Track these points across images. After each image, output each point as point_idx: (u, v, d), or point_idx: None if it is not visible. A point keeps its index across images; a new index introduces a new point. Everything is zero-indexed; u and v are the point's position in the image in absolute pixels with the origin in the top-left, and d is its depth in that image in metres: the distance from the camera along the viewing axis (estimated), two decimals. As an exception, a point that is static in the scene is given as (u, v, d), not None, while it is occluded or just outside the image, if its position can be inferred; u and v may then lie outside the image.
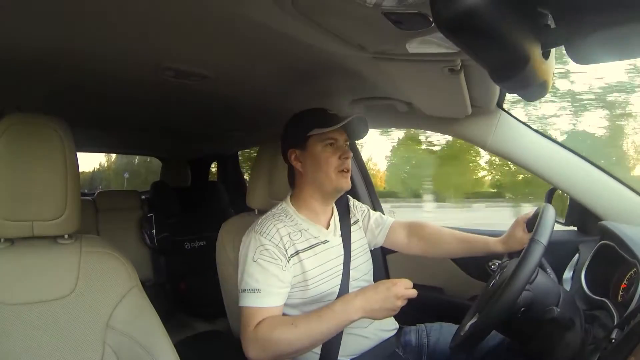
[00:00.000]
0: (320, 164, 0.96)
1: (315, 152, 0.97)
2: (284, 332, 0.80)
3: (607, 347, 0.62)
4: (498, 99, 1.04)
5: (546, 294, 0.75)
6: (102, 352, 0.73)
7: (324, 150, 0.96)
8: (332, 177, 0.96)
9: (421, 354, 1.02)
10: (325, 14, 0.59)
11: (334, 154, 0.96)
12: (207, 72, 0.95)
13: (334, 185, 0.96)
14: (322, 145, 0.96)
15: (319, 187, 0.98)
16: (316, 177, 0.97)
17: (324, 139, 0.96)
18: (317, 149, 0.96)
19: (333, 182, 0.96)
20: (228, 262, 1.10)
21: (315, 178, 0.97)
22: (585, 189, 1.03)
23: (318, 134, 0.96)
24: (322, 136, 0.96)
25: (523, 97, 0.51)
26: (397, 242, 1.13)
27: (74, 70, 0.93)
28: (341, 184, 0.97)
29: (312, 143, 0.97)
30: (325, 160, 0.96)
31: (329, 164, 0.95)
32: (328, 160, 0.96)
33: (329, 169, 0.95)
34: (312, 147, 0.97)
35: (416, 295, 0.79)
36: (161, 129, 1.86)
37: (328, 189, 0.98)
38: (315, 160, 0.97)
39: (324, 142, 0.96)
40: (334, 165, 0.96)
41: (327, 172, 0.96)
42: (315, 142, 0.97)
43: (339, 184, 0.97)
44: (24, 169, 0.71)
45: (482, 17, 0.29)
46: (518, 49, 0.35)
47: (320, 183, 0.97)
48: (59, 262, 0.75)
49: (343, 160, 0.96)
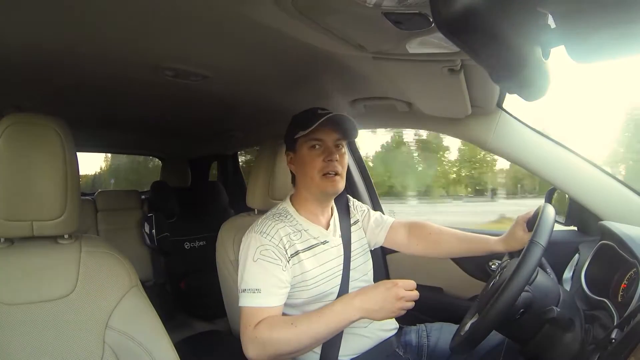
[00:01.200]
0: (305, 168, 0.94)
1: (302, 154, 0.95)
2: (284, 332, 0.80)
3: (607, 347, 0.62)
4: (498, 99, 1.04)
5: (546, 294, 0.75)
6: (102, 352, 0.73)
7: (309, 153, 0.94)
8: (316, 181, 0.93)
9: (421, 354, 1.02)
10: (325, 13, 0.59)
11: (319, 156, 0.93)
12: (207, 72, 0.95)
13: (319, 189, 0.94)
14: (307, 147, 0.94)
15: (308, 189, 0.97)
16: (304, 180, 0.96)
17: (308, 140, 0.94)
18: (304, 152, 0.95)
19: (319, 186, 0.94)
20: (228, 262, 1.10)
21: (304, 181, 0.96)
22: (585, 189, 1.03)
23: (303, 136, 0.94)
24: (306, 137, 0.94)
25: (523, 97, 0.51)
26: (397, 242, 1.13)
27: (74, 70, 0.93)
28: (326, 187, 0.93)
29: (300, 145, 0.96)
30: (309, 163, 0.94)
31: (313, 166, 0.93)
32: (312, 162, 0.93)
33: (312, 171, 0.93)
34: (300, 150, 0.96)
35: (418, 297, 0.79)
36: (161, 129, 1.86)
37: (314, 192, 0.96)
38: (302, 162, 0.95)
39: (309, 143, 0.94)
40: (318, 168, 0.93)
41: (311, 175, 0.93)
42: (302, 144, 0.95)
43: (324, 187, 0.94)
44: (24, 169, 0.71)
45: (482, 17, 0.29)
46: (518, 49, 0.35)
47: (307, 186, 0.96)
48: (58, 262, 0.75)
49: (328, 162, 0.93)
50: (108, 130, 1.86)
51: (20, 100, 1.17)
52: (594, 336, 0.72)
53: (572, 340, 0.72)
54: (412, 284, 0.79)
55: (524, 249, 0.74)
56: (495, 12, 0.30)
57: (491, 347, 0.93)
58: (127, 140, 2.29)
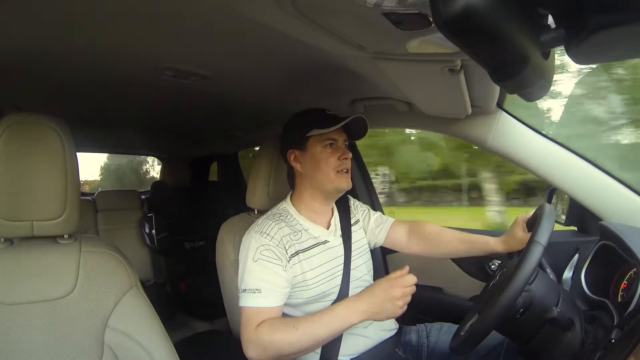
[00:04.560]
0: (319, 165, 0.96)
1: (315, 152, 0.97)
2: (285, 334, 0.80)
3: (607, 347, 0.62)
4: (498, 99, 1.04)
5: (546, 294, 0.76)
6: (101, 351, 0.73)
7: (323, 151, 0.96)
8: (331, 178, 0.96)
9: (421, 354, 1.02)
10: (325, 14, 0.59)
11: (333, 154, 0.96)
12: (207, 72, 0.95)
13: (334, 185, 0.97)
14: (322, 146, 0.96)
15: (318, 187, 0.98)
16: (316, 177, 0.97)
17: (323, 139, 0.96)
18: (317, 150, 0.97)
19: (333, 182, 0.96)
20: (228, 262, 1.10)
21: (315, 178, 0.97)
22: (585, 189, 1.03)
23: (317, 135, 0.96)
24: (321, 137, 0.96)
25: (523, 97, 0.51)
26: (397, 242, 1.13)
27: (74, 70, 0.93)
28: (341, 183, 0.97)
29: (312, 144, 0.97)
30: (324, 161, 0.96)
31: (329, 164, 0.96)
32: (327, 160, 0.96)
33: (328, 169, 0.96)
34: (312, 148, 0.97)
35: (415, 289, 0.80)
36: (161, 129, 1.86)
37: (328, 189, 0.98)
38: (315, 160, 0.97)
39: (323, 142, 0.96)
40: (333, 165, 0.96)
41: (326, 172, 0.96)
42: (314, 142, 0.97)
43: (339, 184, 0.97)
44: (24, 169, 0.70)
45: (482, 17, 0.29)
46: (518, 49, 0.34)
47: (320, 183, 0.97)
48: (58, 262, 0.75)
49: (342, 160, 0.96)
50: (108, 130, 1.86)
51: (20, 101, 1.17)
52: (594, 336, 0.72)
53: (572, 340, 0.72)
54: (408, 280, 0.79)
55: (525, 248, 0.74)
56: (495, 12, 0.30)
57: (491, 347, 0.93)
58: (127, 140, 2.29)
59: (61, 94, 1.14)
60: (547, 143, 1.07)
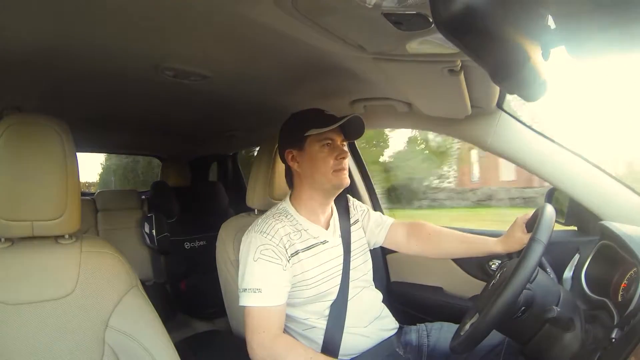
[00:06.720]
0: (317, 164, 0.96)
1: (313, 152, 0.97)
2: (302, 358, 0.81)
3: (607, 347, 0.62)
4: (498, 99, 1.04)
5: (546, 294, 0.76)
6: (102, 351, 0.73)
7: (321, 151, 0.96)
8: (329, 176, 0.96)
9: (421, 354, 1.02)
10: (326, 14, 0.59)
11: (330, 154, 0.96)
12: (207, 72, 0.95)
13: (332, 183, 0.97)
14: (319, 146, 0.96)
15: (317, 186, 0.98)
16: (314, 177, 0.97)
17: (321, 139, 0.96)
18: (314, 149, 0.97)
19: (331, 180, 0.96)
20: (228, 262, 1.10)
21: (313, 178, 0.97)
22: (585, 189, 1.03)
23: (315, 135, 0.96)
24: (319, 136, 0.96)
25: (523, 97, 0.51)
26: (396, 242, 1.13)
27: (74, 70, 0.93)
28: (340, 180, 0.97)
29: (309, 143, 0.97)
30: (322, 161, 0.96)
31: (326, 164, 0.96)
32: (325, 160, 0.96)
33: (326, 169, 0.96)
34: (309, 148, 0.97)
35: None
36: (161, 129, 1.86)
37: (327, 187, 0.98)
38: (313, 160, 0.97)
39: (321, 142, 0.96)
40: (331, 165, 0.96)
41: (324, 172, 0.96)
42: (312, 142, 0.97)
43: (338, 181, 0.97)
44: (24, 169, 0.71)
45: (482, 18, 0.29)
46: (518, 49, 0.35)
47: (318, 183, 0.97)
48: (59, 262, 0.75)
49: (340, 160, 0.97)
50: (108, 130, 1.85)
51: (20, 101, 1.17)
52: (594, 336, 0.72)
53: (572, 340, 0.72)
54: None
55: (525, 247, 0.74)
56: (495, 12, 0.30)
57: (491, 347, 0.93)
58: (127, 141, 2.29)
59: (61, 94, 1.14)
60: (547, 143, 1.07)
